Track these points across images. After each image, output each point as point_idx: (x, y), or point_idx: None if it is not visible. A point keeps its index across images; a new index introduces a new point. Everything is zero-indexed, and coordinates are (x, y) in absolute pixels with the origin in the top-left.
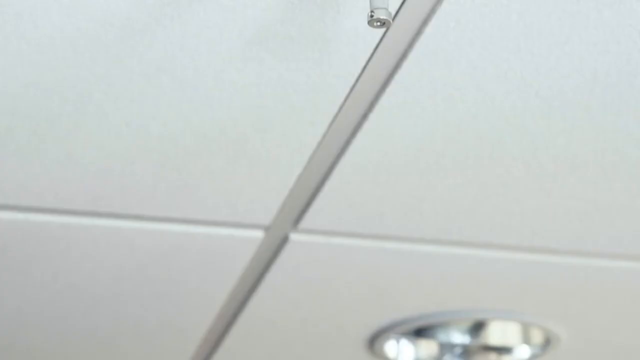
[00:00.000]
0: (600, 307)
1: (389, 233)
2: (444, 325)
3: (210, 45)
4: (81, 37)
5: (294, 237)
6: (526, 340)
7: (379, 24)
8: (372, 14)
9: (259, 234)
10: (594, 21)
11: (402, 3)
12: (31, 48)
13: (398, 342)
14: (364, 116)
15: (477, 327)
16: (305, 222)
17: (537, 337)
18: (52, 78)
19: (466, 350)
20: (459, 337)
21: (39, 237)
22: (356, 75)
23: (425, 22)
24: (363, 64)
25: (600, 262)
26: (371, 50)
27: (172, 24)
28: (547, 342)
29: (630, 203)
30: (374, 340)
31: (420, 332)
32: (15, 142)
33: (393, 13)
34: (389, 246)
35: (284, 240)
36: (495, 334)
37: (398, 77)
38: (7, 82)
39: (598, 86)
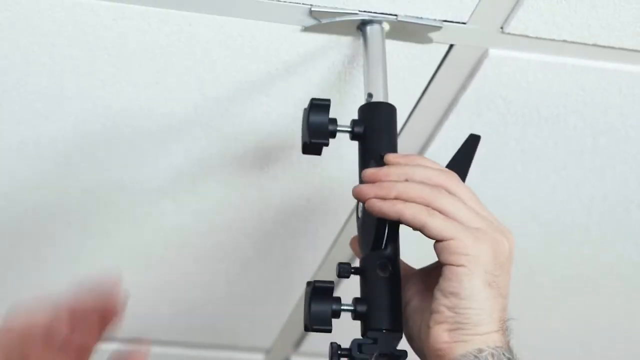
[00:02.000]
0: None
1: None
2: None
3: (211, 169)
4: (84, 161)
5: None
6: None
7: None
8: None
9: (259, 357)
10: (590, 147)
11: (401, 129)
12: (35, 169)
13: None
14: None
15: None
16: (306, 345)
17: None
18: (56, 199)
19: None
20: None
21: None
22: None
23: (423, 148)
24: None
25: None
26: None
27: (177, 150)
28: None
29: (630, 326)
30: None
31: None
32: (17, 262)
33: None
34: None
35: None
36: None
37: None
38: (12, 202)
39: (595, 211)
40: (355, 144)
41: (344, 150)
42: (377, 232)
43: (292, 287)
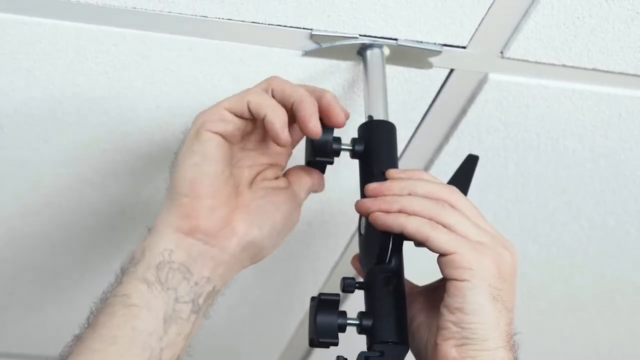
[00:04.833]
0: None
1: None
2: None
3: None
4: (86, 186)
5: None
6: None
7: None
8: None
9: None
10: (590, 171)
11: (402, 153)
12: (35, 193)
13: None
14: None
15: None
16: None
17: None
18: (56, 224)
19: None
20: None
21: None
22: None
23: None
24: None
25: None
26: None
27: None
28: None
29: (630, 347)
30: None
31: None
32: (20, 293)
33: None
34: None
35: None
36: None
37: None
38: (11, 227)
39: (595, 234)
40: (356, 168)
41: (344, 175)
42: (381, 246)
43: (293, 311)
